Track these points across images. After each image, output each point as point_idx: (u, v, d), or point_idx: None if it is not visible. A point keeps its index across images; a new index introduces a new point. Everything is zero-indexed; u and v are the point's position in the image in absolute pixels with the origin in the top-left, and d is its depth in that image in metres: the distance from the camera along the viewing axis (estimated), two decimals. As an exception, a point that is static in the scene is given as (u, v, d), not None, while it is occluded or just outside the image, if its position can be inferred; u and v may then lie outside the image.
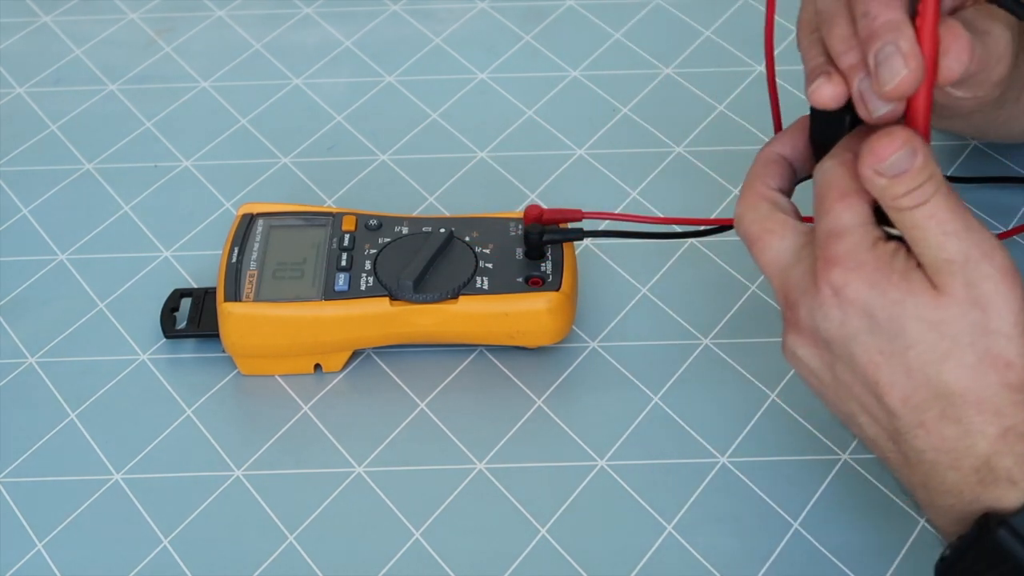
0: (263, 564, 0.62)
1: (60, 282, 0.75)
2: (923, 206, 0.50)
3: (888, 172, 0.49)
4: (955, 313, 0.49)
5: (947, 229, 0.49)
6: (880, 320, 0.50)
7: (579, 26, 0.92)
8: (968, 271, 0.49)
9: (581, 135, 0.83)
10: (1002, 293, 0.49)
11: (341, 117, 0.85)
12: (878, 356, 0.51)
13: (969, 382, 0.50)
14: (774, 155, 0.57)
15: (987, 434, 0.50)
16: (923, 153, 0.50)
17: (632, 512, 0.64)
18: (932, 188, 0.50)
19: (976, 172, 0.79)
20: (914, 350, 0.50)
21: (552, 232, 0.69)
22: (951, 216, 0.50)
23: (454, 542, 0.63)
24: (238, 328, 0.67)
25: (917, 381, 0.50)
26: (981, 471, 0.50)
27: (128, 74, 0.89)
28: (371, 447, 0.67)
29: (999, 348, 0.49)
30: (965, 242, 0.49)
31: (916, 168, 0.49)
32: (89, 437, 0.67)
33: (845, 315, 0.51)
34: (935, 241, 0.50)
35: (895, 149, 0.49)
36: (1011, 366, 0.49)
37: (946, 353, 0.50)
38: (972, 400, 0.50)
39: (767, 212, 0.55)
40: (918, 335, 0.50)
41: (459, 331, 0.68)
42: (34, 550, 0.63)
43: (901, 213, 0.50)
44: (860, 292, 0.50)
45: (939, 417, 0.50)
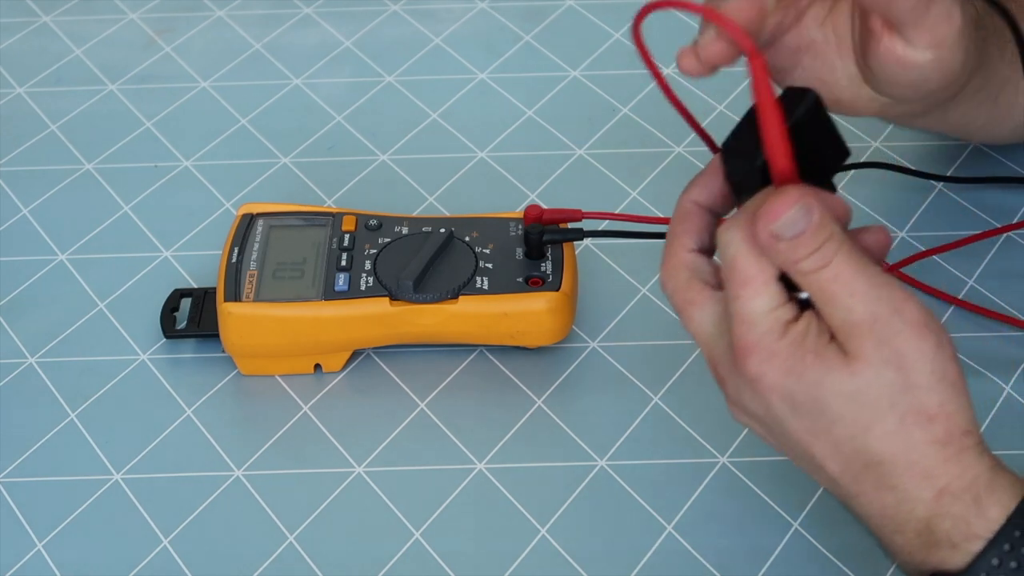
0: (263, 564, 0.62)
1: (60, 282, 0.75)
2: (826, 268, 0.49)
3: (786, 234, 0.48)
4: (870, 378, 0.49)
5: (853, 290, 0.49)
6: (802, 403, 0.50)
7: (579, 26, 0.92)
8: (878, 331, 0.49)
9: (581, 135, 0.83)
10: (916, 346, 0.49)
11: (341, 117, 0.85)
12: (807, 435, 0.51)
13: (896, 447, 0.49)
14: (690, 207, 0.55)
15: (923, 498, 0.50)
16: (819, 211, 0.49)
17: (632, 512, 0.64)
18: (833, 248, 0.49)
19: (976, 172, 0.79)
20: (838, 425, 0.50)
21: (552, 232, 0.69)
22: (855, 275, 0.49)
23: (454, 542, 0.63)
24: (238, 328, 0.67)
25: (847, 454, 0.50)
26: (923, 535, 0.50)
27: (128, 74, 0.89)
28: (371, 447, 0.67)
29: (919, 403, 0.49)
30: (872, 301, 0.49)
31: (813, 227, 0.48)
32: (89, 437, 0.67)
33: (768, 402, 0.51)
34: (842, 303, 0.49)
35: (789, 206, 0.48)
36: (934, 419, 0.49)
37: (868, 423, 0.49)
38: (902, 465, 0.50)
39: (686, 281, 0.54)
40: (839, 410, 0.50)
41: (459, 331, 0.68)
42: (34, 550, 0.63)
43: (806, 277, 0.49)
44: (778, 381, 0.50)
45: (876, 486, 0.50)
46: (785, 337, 0.50)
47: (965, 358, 0.70)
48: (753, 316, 0.50)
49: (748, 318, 0.50)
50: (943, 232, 0.76)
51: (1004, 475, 0.50)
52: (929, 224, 0.77)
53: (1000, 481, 0.50)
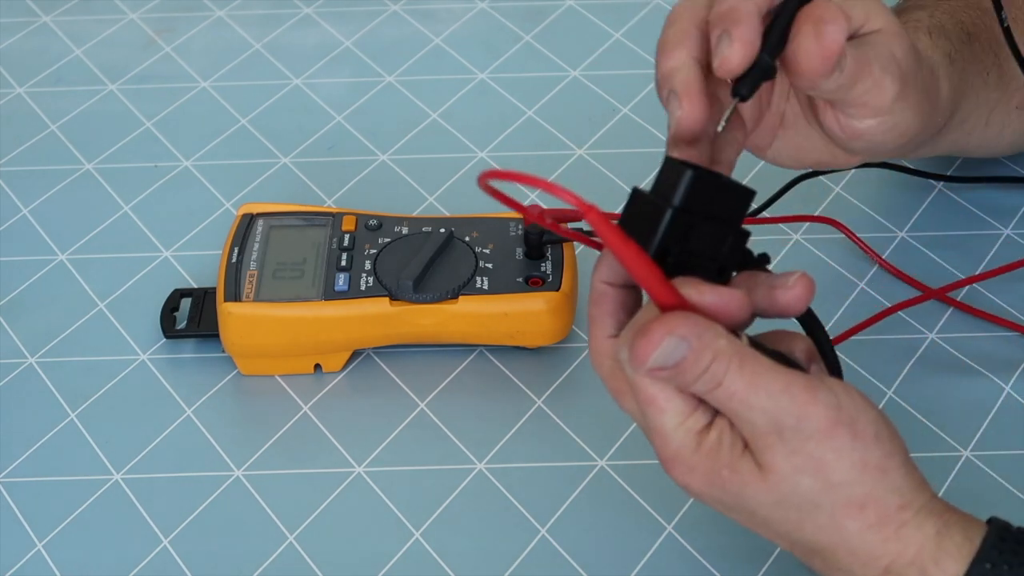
0: (263, 564, 0.62)
1: (60, 282, 0.75)
2: (718, 389, 0.47)
3: (666, 364, 0.47)
4: (788, 488, 0.49)
5: (750, 405, 0.47)
6: (732, 506, 0.50)
7: (579, 26, 0.92)
8: (786, 442, 0.48)
9: (581, 135, 0.83)
10: (829, 447, 0.48)
11: (341, 117, 0.85)
12: (749, 524, 0.51)
13: (832, 538, 0.49)
14: (603, 288, 0.52)
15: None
16: (695, 335, 0.47)
17: (632, 512, 0.64)
18: (722, 367, 0.47)
19: (976, 172, 0.79)
20: (772, 524, 0.50)
21: (552, 232, 0.69)
22: (750, 391, 0.47)
23: (454, 542, 0.63)
24: (238, 328, 0.67)
25: (791, 542, 0.51)
26: None
27: (128, 74, 0.89)
28: (371, 447, 0.67)
29: (846, 497, 0.48)
30: (773, 413, 0.47)
31: (692, 352, 0.47)
32: (89, 437, 0.67)
33: (702, 500, 0.51)
34: (744, 417, 0.48)
35: (655, 346, 0.47)
36: (864, 507, 0.49)
37: (799, 522, 0.49)
38: (843, 552, 0.50)
39: (610, 370, 0.53)
40: (767, 514, 0.50)
41: (459, 331, 0.68)
42: (34, 550, 0.63)
43: (704, 396, 0.48)
44: (703, 490, 0.50)
45: (824, 567, 0.51)
46: (700, 450, 0.49)
47: (965, 358, 0.70)
48: (664, 431, 0.49)
49: (661, 432, 0.50)
50: (943, 232, 0.76)
51: (950, 539, 0.49)
52: (929, 224, 0.77)
53: (946, 546, 0.49)
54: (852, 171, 0.79)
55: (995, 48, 0.68)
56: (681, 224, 0.49)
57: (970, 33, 0.67)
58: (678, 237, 0.49)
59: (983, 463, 0.65)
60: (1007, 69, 0.69)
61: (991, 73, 0.68)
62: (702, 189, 0.49)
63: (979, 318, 0.71)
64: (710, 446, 0.49)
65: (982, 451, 0.66)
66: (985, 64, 0.67)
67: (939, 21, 0.66)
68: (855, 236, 0.74)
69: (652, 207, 0.49)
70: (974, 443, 0.66)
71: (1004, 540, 0.49)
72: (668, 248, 0.49)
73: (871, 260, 0.74)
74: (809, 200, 0.77)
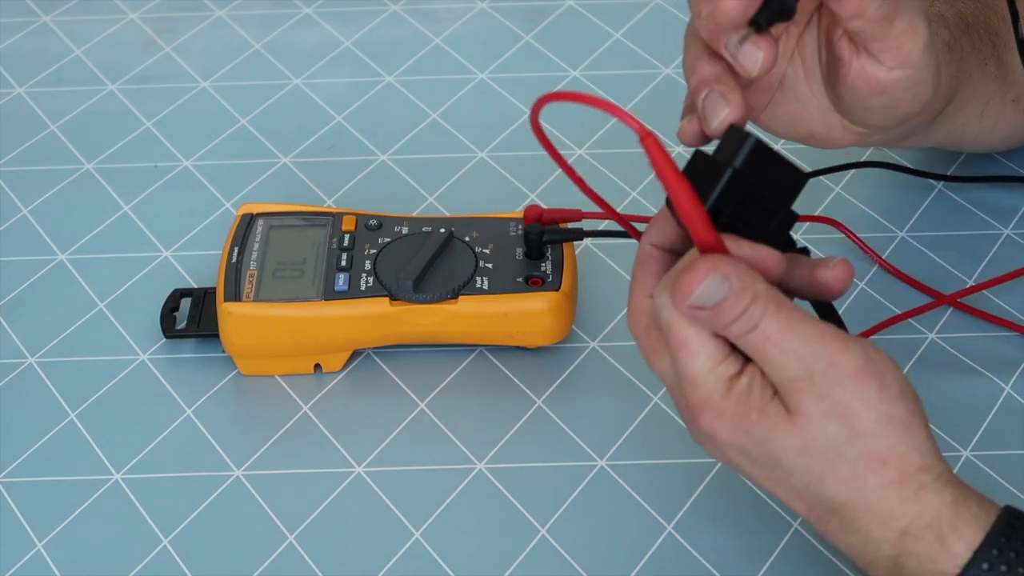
0: (263, 564, 0.62)
1: (60, 282, 0.75)
2: (754, 331, 0.49)
3: (707, 304, 0.48)
4: (815, 433, 0.49)
5: (784, 348, 0.49)
6: (756, 456, 0.51)
7: (579, 26, 0.92)
8: (816, 386, 0.49)
9: (581, 135, 0.83)
10: (856, 396, 0.49)
11: (341, 117, 0.85)
12: (768, 482, 0.52)
13: (852, 493, 0.50)
14: (649, 250, 0.55)
15: (887, 539, 0.50)
16: (736, 278, 0.48)
17: (632, 512, 0.64)
18: (759, 310, 0.49)
19: (976, 172, 0.79)
20: (794, 476, 0.50)
21: (552, 232, 0.69)
22: (786, 334, 0.49)
23: (454, 542, 0.63)
24: (238, 328, 0.67)
25: (809, 500, 0.51)
26: (893, 571, 0.50)
27: (128, 74, 0.89)
28: (371, 447, 0.67)
29: (869, 449, 0.49)
30: (805, 358, 0.49)
31: (733, 293, 0.48)
32: (89, 437, 0.67)
33: (725, 453, 0.52)
34: (776, 362, 0.49)
35: (699, 280, 0.48)
36: (886, 462, 0.49)
37: (821, 473, 0.50)
38: (861, 510, 0.50)
39: (645, 329, 0.54)
40: (791, 463, 0.50)
41: (459, 331, 0.68)
42: (34, 550, 0.63)
43: (737, 340, 0.50)
44: (730, 436, 0.51)
45: (840, 528, 0.51)
46: (730, 395, 0.50)
47: (965, 358, 0.70)
48: (696, 376, 0.50)
49: (692, 378, 0.50)
50: (943, 232, 0.76)
51: (967, 508, 0.50)
52: (929, 224, 0.77)
53: (963, 515, 0.49)
54: (852, 171, 0.79)
55: (993, 40, 0.68)
56: (737, 189, 0.51)
57: (969, 24, 0.67)
58: (732, 200, 0.51)
59: (983, 463, 0.65)
60: (1005, 62, 0.69)
61: (989, 64, 0.68)
62: (761, 159, 0.51)
63: (979, 318, 0.71)
64: (740, 390, 0.50)
65: (982, 451, 0.66)
66: (983, 55, 0.67)
67: (939, 10, 0.66)
68: (855, 236, 0.74)
69: (713, 166, 0.51)
70: (974, 443, 0.66)
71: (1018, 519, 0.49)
72: (721, 208, 0.51)
73: (871, 260, 0.74)
74: (809, 200, 0.77)
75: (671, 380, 0.53)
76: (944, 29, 0.64)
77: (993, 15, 0.68)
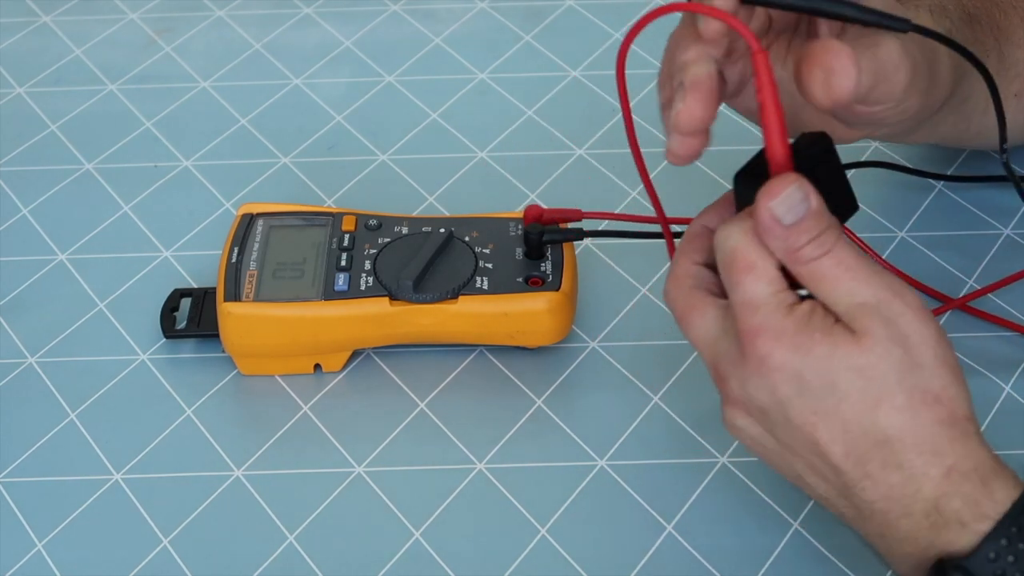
0: (263, 564, 0.62)
1: (60, 282, 0.75)
2: (828, 255, 0.50)
3: (785, 217, 0.50)
4: (880, 352, 0.50)
5: (856, 275, 0.50)
6: (810, 380, 0.51)
7: (579, 26, 0.92)
8: (883, 311, 0.50)
9: (581, 135, 0.83)
10: (919, 329, 0.50)
11: (341, 117, 0.85)
12: (813, 416, 0.51)
13: (904, 424, 0.50)
14: (700, 228, 0.57)
15: (931, 476, 0.50)
16: (816, 199, 0.50)
17: (632, 512, 0.64)
18: (834, 236, 0.51)
19: (976, 172, 0.79)
20: (847, 402, 0.50)
21: (552, 232, 0.69)
22: (857, 262, 0.51)
23: (454, 542, 0.63)
24: (238, 328, 0.67)
25: (855, 433, 0.51)
26: (931, 515, 0.50)
27: (128, 74, 0.89)
28: (371, 447, 0.67)
29: (925, 383, 0.50)
30: (876, 285, 0.50)
31: (812, 213, 0.50)
32: (89, 437, 0.67)
33: (775, 383, 0.51)
34: (846, 288, 0.50)
35: (787, 185, 0.50)
36: (939, 400, 0.50)
37: (877, 398, 0.50)
38: (910, 443, 0.50)
39: (689, 289, 0.55)
40: (848, 385, 0.50)
41: (459, 331, 0.68)
42: (34, 550, 0.63)
43: (808, 266, 0.51)
44: (786, 358, 0.51)
45: (882, 466, 0.51)
46: (791, 316, 0.51)
47: (965, 358, 0.70)
48: (758, 299, 0.51)
49: (753, 302, 0.51)
50: (943, 232, 0.76)
51: (1004, 466, 0.51)
52: (929, 224, 0.77)
53: (1001, 470, 0.51)
54: (852, 171, 0.79)
55: (995, 33, 0.68)
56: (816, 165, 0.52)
57: (971, 15, 0.67)
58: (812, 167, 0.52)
59: (983, 463, 0.65)
60: (1007, 55, 0.69)
61: (991, 56, 0.68)
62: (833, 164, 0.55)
63: (979, 318, 0.71)
64: (802, 314, 0.51)
65: (982, 451, 0.66)
66: (985, 47, 0.67)
67: (941, 1, 0.66)
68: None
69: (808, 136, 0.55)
70: (974, 443, 0.66)
71: None
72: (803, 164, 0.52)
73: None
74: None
75: (711, 333, 0.54)
76: (946, 19, 0.64)
77: (995, 8, 0.68)
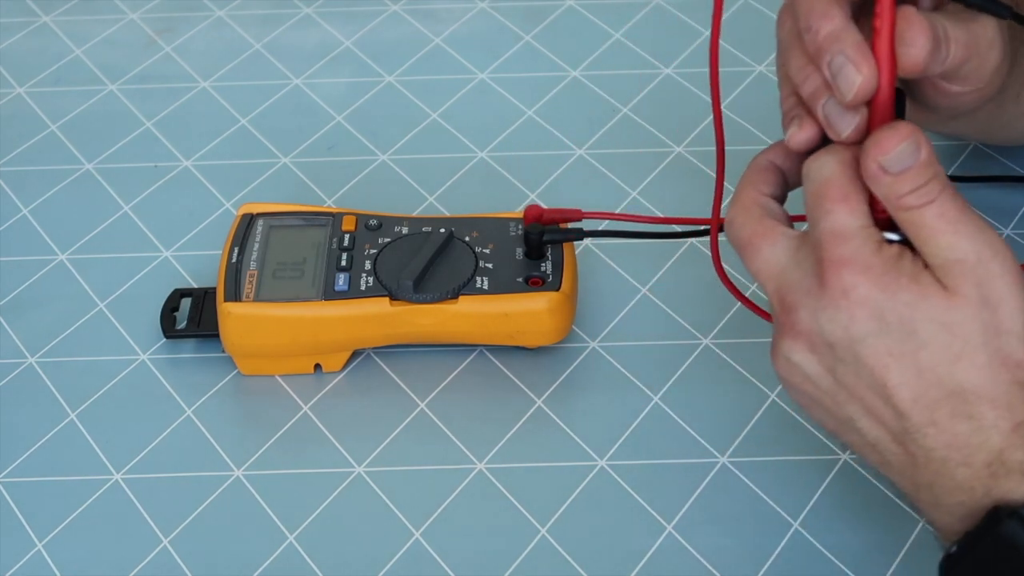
0: (263, 564, 0.62)
1: (60, 282, 0.75)
2: (931, 204, 0.49)
3: (893, 167, 0.49)
4: (968, 314, 0.49)
5: (958, 228, 0.49)
6: (891, 322, 0.50)
7: (579, 26, 0.92)
8: (979, 271, 0.49)
9: (581, 135, 0.83)
10: (1012, 294, 0.50)
11: (341, 117, 0.85)
12: (887, 357, 0.50)
13: (982, 380, 0.50)
14: (767, 162, 0.57)
15: (1000, 428, 0.50)
16: (927, 148, 0.50)
17: (632, 512, 0.64)
18: (939, 186, 0.50)
19: (976, 172, 0.79)
20: (926, 350, 0.50)
21: (552, 232, 0.69)
22: (960, 215, 0.50)
23: (454, 542, 0.63)
24: (238, 328, 0.67)
25: (928, 381, 0.50)
26: (993, 465, 0.50)
27: (128, 74, 0.89)
28: (371, 447, 0.67)
29: (1010, 348, 0.50)
30: (976, 241, 0.49)
31: (921, 163, 0.49)
32: (89, 437, 0.67)
33: (853, 317, 0.50)
34: (946, 241, 0.49)
35: (900, 140, 0.49)
36: (1020, 365, 0.50)
37: (958, 354, 0.50)
38: (986, 397, 0.50)
39: (759, 216, 0.55)
40: (930, 336, 0.50)
41: (459, 331, 0.68)
42: (34, 550, 0.63)
43: (909, 212, 0.50)
44: (870, 294, 0.50)
45: (951, 415, 0.50)
46: (881, 253, 0.50)
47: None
48: (848, 230, 0.50)
49: (844, 232, 0.50)
50: (943, 232, 0.76)
51: None
52: (929, 224, 0.77)
53: None
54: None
55: None
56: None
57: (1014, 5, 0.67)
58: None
59: (983, 463, 0.65)
60: None
61: None
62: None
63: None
64: (892, 254, 0.50)
65: (982, 451, 0.66)
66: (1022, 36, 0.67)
67: None
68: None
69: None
70: (974, 443, 0.66)
71: None
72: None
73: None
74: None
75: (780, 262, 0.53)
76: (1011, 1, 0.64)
77: None
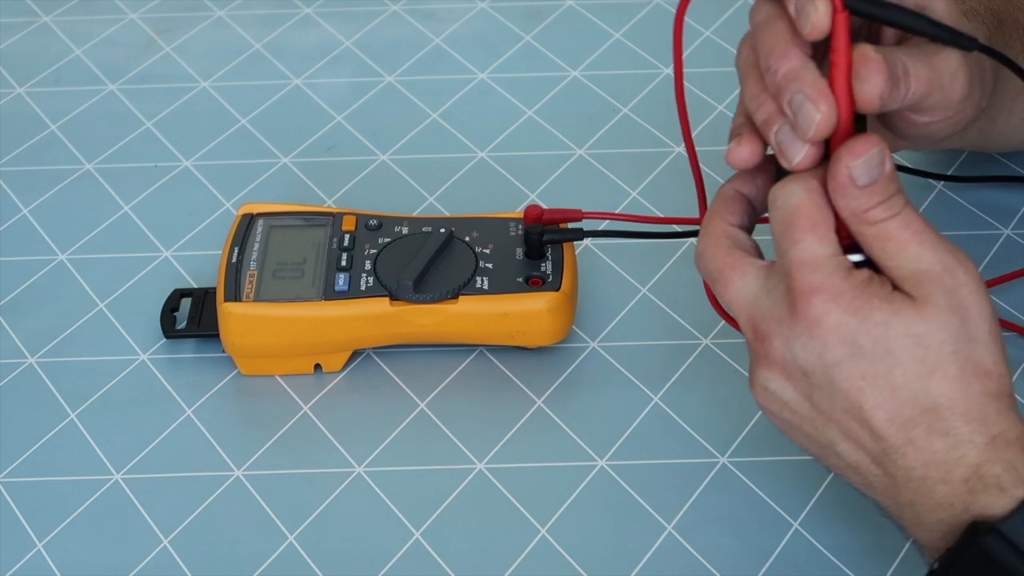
0: (263, 564, 0.62)
1: (60, 282, 0.75)
2: (896, 217, 0.51)
3: (861, 178, 0.50)
4: (938, 322, 0.50)
5: (923, 239, 0.51)
6: (863, 345, 0.51)
7: (579, 26, 0.92)
8: (946, 280, 0.50)
9: (581, 135, 0.83)
10: (977, 302, 0.51)
11: (341, 117, 0.85)
12: (861, 381, 0.51)
13: (955, 393, 0.50)
14: (732, 191, 0.57)
15: (976, 443, 0.50)
16: (891, 163, 0.51)
17: (632, 512, 0.64)
18: (902, 200, 0.51)
19: (976, 172, 0.79)
20: (900, 368, 0.50)
21: (552, 232, 0.69)
22: (924, 227, 0.51)
23: (454, 542, 0.63)
24: (238, 328, 0.67)
25: (903, 399, 0.51)
26: (971, 480, 0.50)
27: (128, 74, 0.89)
28: (371, 447, 0.67)
29: (978, 356, 0.50)
30: (941, 252, 0.51)
31: (886, 176, 0.50)
32: (89, 437, 0.67)
33: (826, 344, 0.51)
34: (913, 252, 0.50)
35: (871, 145, 0.50)
36: (989, 374, 0.50)
37: (932, 367, 0.50)
38: (959, 411, 0.50)
39: (727, 248, 0.55)
40: (904, 352, 0.50)
41: (459, 331, 0.68)
42: (34, 550, 0.63)
43: (875, 227, 0.50)
44: (842, 320, 0.51)
45: (927, 432, 0.51)
46: (851, 279, 0.51)
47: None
48: (817, 259, 0.51)
49: (812, 261, 0.51)
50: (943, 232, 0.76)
51: None
52: (929, 224, 0.77)
53: None
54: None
55: (1021, 36, 0.68)
56: None
57: (1000, 19, 0.67)
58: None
59: (983, 463, 0.65)
60: None
61: (1018, 59, 0.68)
62: None
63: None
64: (861, 279, 0.51)
65: (982, 451, 0.65)
66: (1014, 51, 0.67)
67: (971, 6, 0.66)
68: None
69: None
70: (974, 443, 0.66)
71: None
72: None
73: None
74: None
75: (752, 292, 0.53)
76: (981, 24, 0.64)
77: (1017, 10, 0.68)
